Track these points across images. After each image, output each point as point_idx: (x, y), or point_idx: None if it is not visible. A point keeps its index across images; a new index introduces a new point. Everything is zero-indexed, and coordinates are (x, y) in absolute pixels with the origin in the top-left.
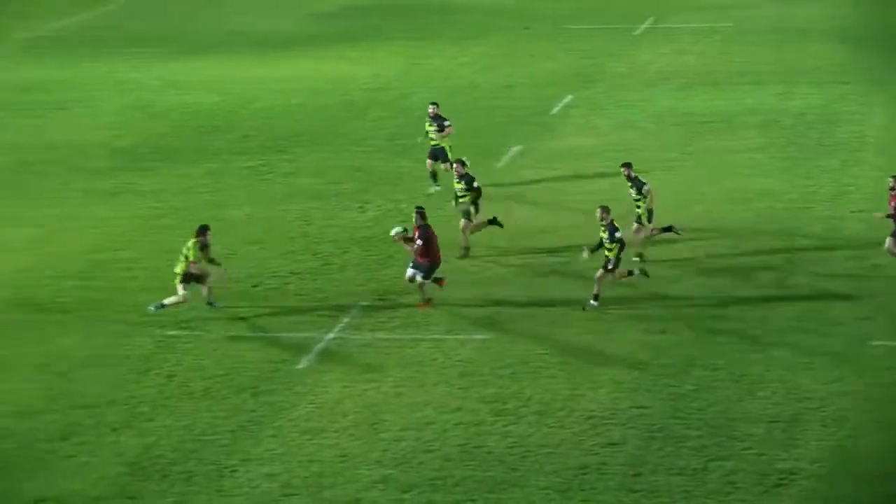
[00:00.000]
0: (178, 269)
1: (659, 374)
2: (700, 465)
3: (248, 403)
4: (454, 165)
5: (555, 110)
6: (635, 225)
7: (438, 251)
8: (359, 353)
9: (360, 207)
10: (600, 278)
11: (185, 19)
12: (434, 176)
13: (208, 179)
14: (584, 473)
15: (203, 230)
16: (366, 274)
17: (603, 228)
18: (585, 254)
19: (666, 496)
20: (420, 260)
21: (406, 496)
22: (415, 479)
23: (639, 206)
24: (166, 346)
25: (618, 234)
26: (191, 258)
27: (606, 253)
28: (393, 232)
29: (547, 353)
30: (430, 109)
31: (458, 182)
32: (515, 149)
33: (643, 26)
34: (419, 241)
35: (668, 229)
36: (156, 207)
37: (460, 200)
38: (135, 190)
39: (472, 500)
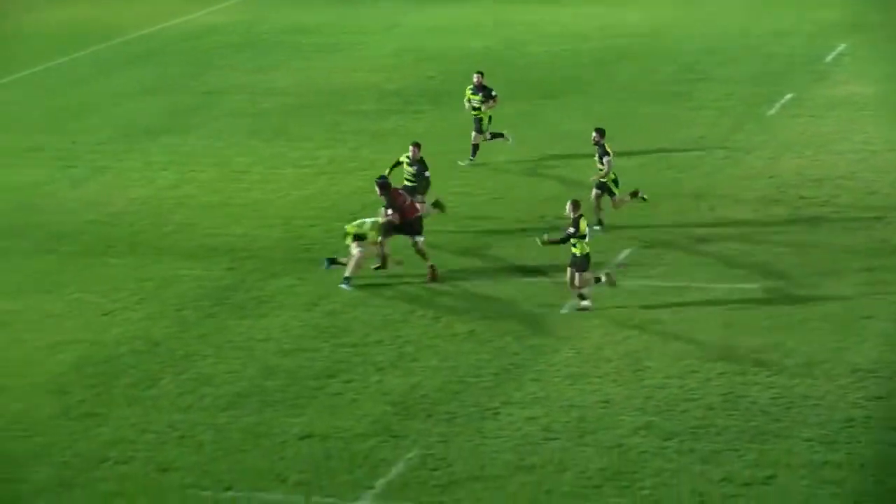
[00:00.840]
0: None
1: None
2: None
3: (511, 347)
4: (410, 148)
5: (828, 58)
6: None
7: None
8: (623, 299)
9: (627, 154)
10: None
11: None
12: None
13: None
14: (850, 426)
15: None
16: (631, 220)
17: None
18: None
19: None
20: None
21: (668, 443)
22: (677, 426)
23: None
24: (432, 289)
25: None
26: (371, 239)
27: (574, 249)
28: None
29: (813, 305)
30: (476, 78)
31: (409, 165)
32: (788, 97)
33: None
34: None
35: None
36: (424, 149)
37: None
38: (403, 132)
39: (734, 450)
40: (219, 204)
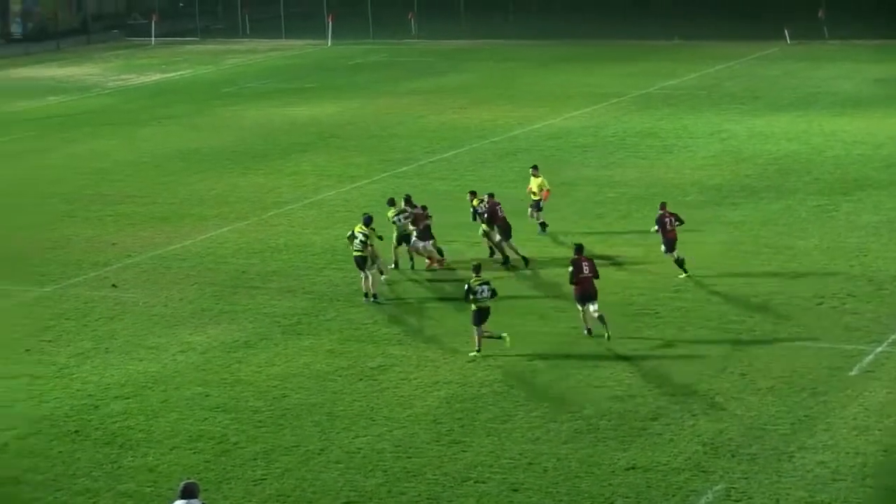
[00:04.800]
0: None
1: None
2: None
3: (806, 402)
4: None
5: None
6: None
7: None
8: None
9: None
10: None
11: (770, 82)
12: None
13: (784, 214)
14: None
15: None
16: None
17: None
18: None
19: None
20: None
21: None
22: None
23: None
24: (741, 349)
25: None
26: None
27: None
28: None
29: None
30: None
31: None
32: None
33: None
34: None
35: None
36: (739, 235)
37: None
38: (722, 220)
39: None
40: (567, 274)
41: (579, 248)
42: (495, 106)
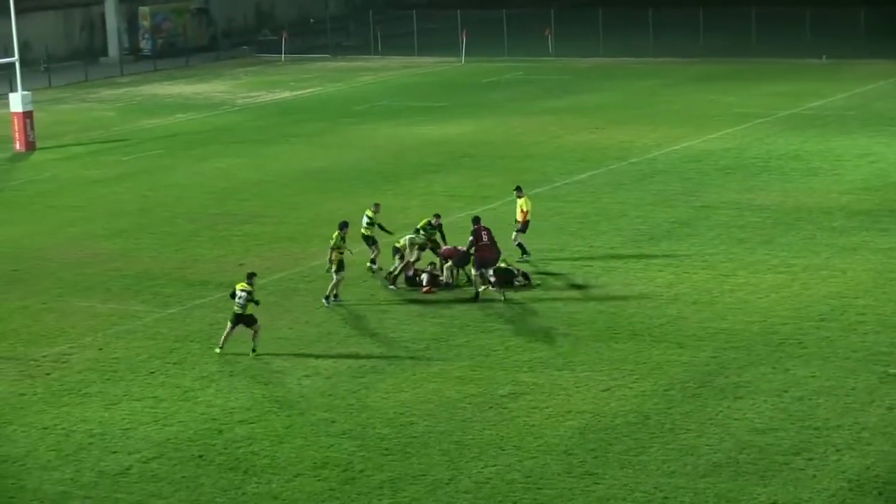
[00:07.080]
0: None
1: None
2: None
3: None
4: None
5: None
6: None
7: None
8: None
9: None
10: None
11: None
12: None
13: None
14: None
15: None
16: None
17: None
18: None
19: None
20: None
21: None
22: None
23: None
24: (889, 382)
25: None
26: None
27: None
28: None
29: None
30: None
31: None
32: None
33: None
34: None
35: None
36: (889, 262)
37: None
38: (871, 247)
39: None
40: (707, 301)
41: (477, 219)
42: (633, 126)
